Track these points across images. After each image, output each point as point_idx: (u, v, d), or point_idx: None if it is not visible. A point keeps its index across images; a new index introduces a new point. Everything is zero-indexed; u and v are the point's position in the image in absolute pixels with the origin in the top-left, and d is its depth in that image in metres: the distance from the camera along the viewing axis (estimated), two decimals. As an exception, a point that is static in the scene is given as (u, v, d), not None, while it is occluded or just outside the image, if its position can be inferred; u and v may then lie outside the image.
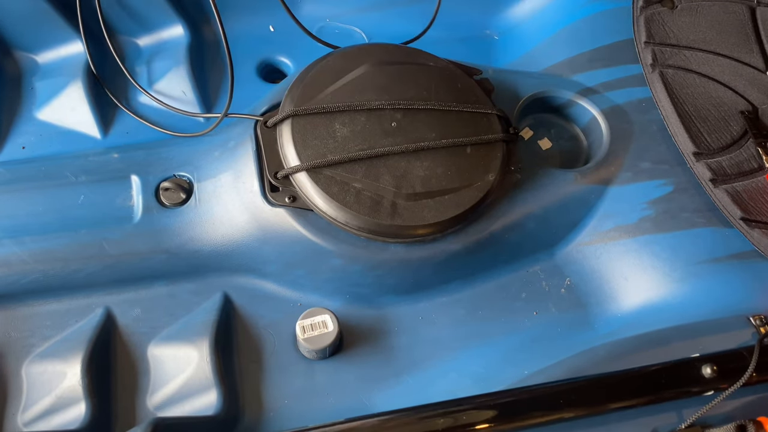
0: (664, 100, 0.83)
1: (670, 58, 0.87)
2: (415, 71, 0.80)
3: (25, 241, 0.76)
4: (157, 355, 0.75)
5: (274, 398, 0.73)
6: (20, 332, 0.76)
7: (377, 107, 0.75)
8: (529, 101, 0.87)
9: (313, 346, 0.72)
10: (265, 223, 0.76)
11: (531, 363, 0.73)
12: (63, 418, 0.70)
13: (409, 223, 0.72)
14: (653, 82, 0.85)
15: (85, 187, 0.79)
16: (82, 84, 0.88)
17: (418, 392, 0.73)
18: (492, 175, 0.76)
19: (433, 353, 0.77)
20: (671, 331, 0.73)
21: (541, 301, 0.80)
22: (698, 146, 0.80)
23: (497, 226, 0.78)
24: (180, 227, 0.78)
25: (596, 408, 0.66)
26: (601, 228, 0.81)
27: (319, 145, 0.73)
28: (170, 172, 0.81)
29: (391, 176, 0.73)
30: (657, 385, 0.67)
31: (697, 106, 0.84)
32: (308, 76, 0.76)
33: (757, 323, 0.72)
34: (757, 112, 0.85)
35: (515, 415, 0.65)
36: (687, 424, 0.65)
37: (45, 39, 0.92)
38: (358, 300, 0.79)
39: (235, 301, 0.79)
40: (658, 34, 0.89)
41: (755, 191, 0.78)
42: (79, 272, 0.77)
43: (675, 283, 0.76)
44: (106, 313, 0.77)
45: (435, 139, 0.75)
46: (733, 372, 0.66)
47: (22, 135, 0.88)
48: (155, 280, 0.79)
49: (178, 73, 0.91)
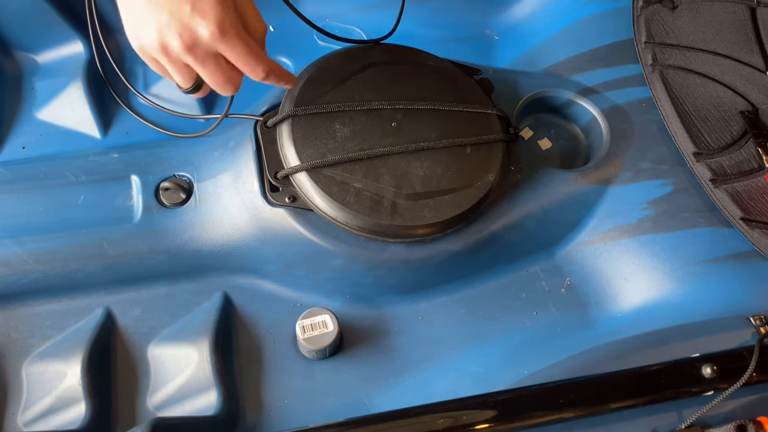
0: (664, 100, 0.83)
1: (670, 58, 0.88)
2: (415, 71, 0.80)
3: (25, 241, 0.76)
4: (157, 355, 0.75)
5: (274, 398, 0.73)
6: (20, 332, 0.76)
7: (377, 107, 0.75)
8: (529, 101, 0.87)
9: (313, 346, 0.72)
10: (265, 223, 0.76)
11: (531, 363, 0.73)
12: (63, 418, 0.70)
13: (409, 223, 0.72)
14: (653, 82, 0.85)
15: (85, 187, 0.79)
16: (82, 84, 0.88)
17: (418, 392, 0.73)
18: (492, 175, 0.76)
19: (433, 353, 0.77)
20: (671, 331, 0.73)
21: (541, 301, 0.80)
22: (698, 146, 0.80)
23: (497, 226, 0.78)
24: (180, 227, 0.78)
25: (596, 408, 0.66)
26: (601, 228, 0.81)
27: (319, 145, 0.73)
28: (170, 172, 0.81)
29: (391, 176, 0.73)
30: (657, 385, 0.67)
31: (697, 106, 0.84)
32: (308, 76, 0.76)
33: (757, 323, 0.72)
34: (757, 112, 0.85)
35: (515, 415, 0.65)
36: (687, 424, 0.65)
37: (45, 39, 0.91)
38: (358, 300, 0.79)
39: (235, 301, 0.79)
40: (658, 34, 0.89)
41: (755, 191, 0.78)
42: (79, 272, 0.77)
43: (675, 283, 0.76)
44: (106, 313, 0.77)
45: (435, 139, 0.75)
46: (733, 372, 0.66)
47: (22, 135, 0.88)
48: (155, 280, 0.79)
49: (179, 73, 0.91)
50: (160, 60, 0.57)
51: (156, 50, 0.56)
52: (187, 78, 0.60)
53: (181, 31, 0.54)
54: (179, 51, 0.55)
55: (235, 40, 0.56)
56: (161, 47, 0.55)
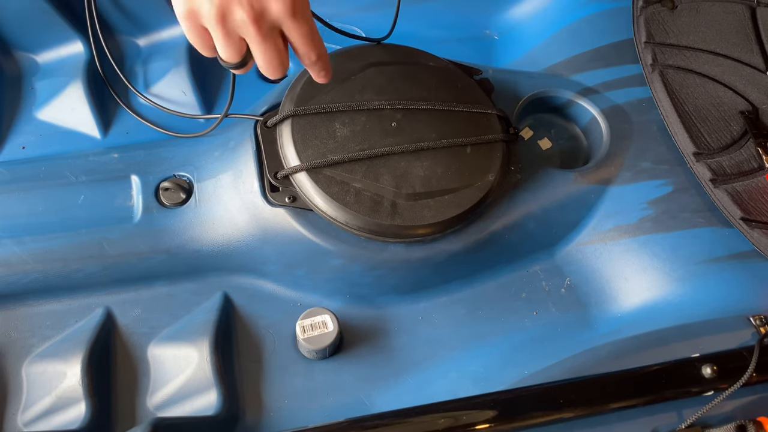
0: (664, 100, 0.83)
1: (670, 58, 0.88)
2: (415, 71, 0.80)
3: (25, 241, 0.76)
4: (157, 355, 0.75)
5: (274, 398, 0.73)
6: (20, 332, 0.76)
7: (377, 107, 0.75)
8: (529, 101, 0.87)
9: (313, 346, 0.72)
10: (265, 223, 0.76)
11: (531, 363, 0.73)
12: (63, 418, 0.70)
13: (409, 223, 0.72)
14: (653, 82, 0.85)
15: (85, 187, 0.79)
16: (82, 84, 0.88)
17: (418, 392, 0.73)
18: (492, 175, 0.76)
19: (433, 353, 0.77)
20: (671, 331, 0.73)
21: (541, 301, 0.80)
22: (698, 146, 0.80)
23: (497, 226, 0.78)
24: (180, 227, 0.78)
25: (596, 408, 0.66)
26: (601, 228, 0.81)
27: (319, 145, 0.73)
28: (170, 172, 0.81)
29: (391, 176, 0.73)
30: (657, 385, 0.67)
31: (697, 106, 0.84)
32: (308, 76, 0.76)
33: (757, 323, 0.72)
34: (757, 112, 0.85)
35: (515, 415, 0.65)
36: (687, 424, 0.65)
37: (45, 39, 0.91)
38: (358, 300, 0.79)
39: (235, 301, 0.79)
40: (658, 34, 0.89)
41: (755, 191, 0.78)
42: (79, 272, 0.77)
43: (675, 283, 0.76)
44: (106, 313, 0.77)
45: (435, 139, 0.75)
46: (733, 372, 0.66)
47: (22, 135, 0.88)
48: (155, 280, 0.79)
49: (178, 73, 0.91)
50: (212, 29, 0.53)
51: (211, 17, 0.52)
52: (236, 52, 0.55)
53: (252, 2, 0.51)
54: (242, 22, 0.52)
55: (302, 20, 0.54)
56: (219, 15, 0.51)
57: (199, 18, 0.53)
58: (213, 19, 0.52)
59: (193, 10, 0.52)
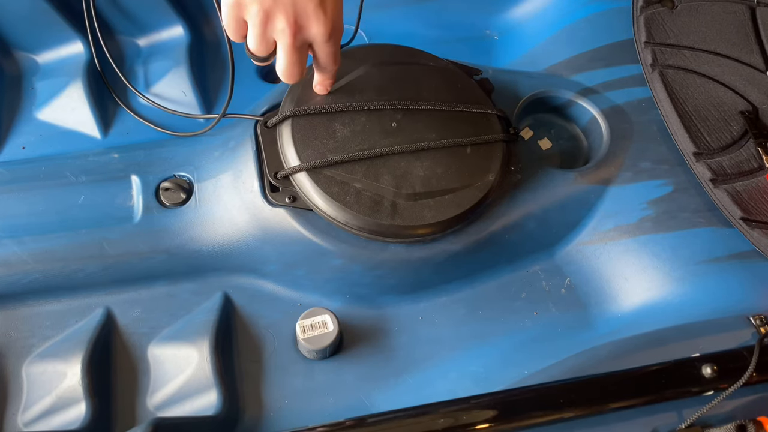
0: (664, 100, 0.83)
1: (670, 58, 0.88)
2: (415, 71, 0.80)
3: (25, 241, 0.76)
4: (157, 355, 0.75)
5: (274, 398, 0.73)
6: (20, 332, 0.76)
7: (377, 107, 0.75)
8: (529, 101, 0.87)
9: (313, 346, 0.72)
10: (265, 223, 0.76)
11: (531, 363, 0.73)
12: (63, 418, 0.70)
13: (409, 223, 0.72)
14: (653, 82, 0.85)
15: (85, 187, 0.79)
16: (82, 84, 0.88)
17: (418, 392, 0.73)
18: (492, 175, 0.76)
19: (433, 353, 0.77)
20: (671, 331, 0.73)
21: (541, 301, 0.80)
22: (698, 146, 0.80)
23: (497, 226, 0.78)
24: (180, 227, 0.78)
25: (596, 408, 0.66)
26: (601, 228, 0.81)
27: (319, 145, 0.73)
28: (170, 172, 0.81)
29: (391, 176, 0.73)
30: (657, 385, 0.67)
31: (697, 106, 0.84)
32: (308, 76, 0.76)
33: (757, 323, 0.72)
34: (757, 112, 0.85)
35: (515, 415, 0.65)
36: (687, 424, 0.65)
37: (45, 39, 0.91)
38: (358, 300, 0.79)
39: (235, 301, 0.79)
40: (658, 34, 0.89)
41: (755, 191, 0.78)
42: (79, 272, 0.77)
43: (675, 283, 0.76)
44: (106, 313, 0.77)
45: (435, 139, 0.75)
46: (733, 372, 0.66)
47: (22, 135, 0.88)
48: (155, 280, 0.79)
49: (178, 73, 0.91)
50: (252, 26, 0.56)
51: (255, 16, 0.54)
52: (265, 50, 0.59)
53: (297, 16, 0.54)
54: (281, 31, 0.55)
55: (333, 44, 0.59)
56: (263, 17, 0.54)
57: (243, 11, 0.55)
58: (256, 18, 0.55)
59: (241, 4, 0.55)
